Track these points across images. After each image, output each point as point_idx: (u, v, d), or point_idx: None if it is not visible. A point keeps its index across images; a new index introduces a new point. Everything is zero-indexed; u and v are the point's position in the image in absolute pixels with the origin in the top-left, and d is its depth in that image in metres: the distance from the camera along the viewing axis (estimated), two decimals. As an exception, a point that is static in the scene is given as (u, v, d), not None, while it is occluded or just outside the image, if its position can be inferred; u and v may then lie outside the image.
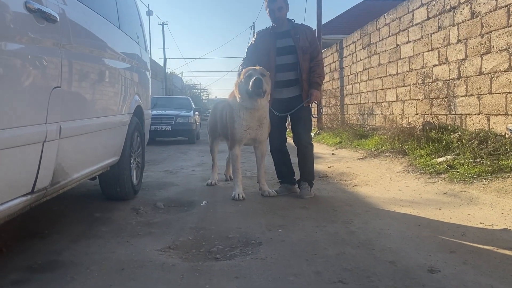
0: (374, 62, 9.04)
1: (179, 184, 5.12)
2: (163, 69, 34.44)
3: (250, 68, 4.01)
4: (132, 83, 4.13)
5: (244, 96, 4.00)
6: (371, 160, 6.30)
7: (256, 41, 4.40)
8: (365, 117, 9.60)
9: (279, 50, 4.25)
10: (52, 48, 2.24)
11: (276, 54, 4.24)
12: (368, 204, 3.85)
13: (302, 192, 4.21)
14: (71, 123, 2.49)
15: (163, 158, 8.40)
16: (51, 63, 2.23)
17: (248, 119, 4.12)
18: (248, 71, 3.97)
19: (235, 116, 4.16)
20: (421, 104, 6.96)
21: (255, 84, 3.84)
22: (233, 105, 4.18)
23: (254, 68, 3.98)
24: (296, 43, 4.20)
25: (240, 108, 4.12)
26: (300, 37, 4.22)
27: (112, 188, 4.01)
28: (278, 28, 4.29)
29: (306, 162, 4.32)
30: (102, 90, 3.15)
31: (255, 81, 3.83)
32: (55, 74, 2.27)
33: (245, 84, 3.95)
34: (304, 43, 4.22)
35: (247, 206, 3.85)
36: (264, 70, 4.00)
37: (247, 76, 3.94)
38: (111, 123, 3.41)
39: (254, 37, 4.47)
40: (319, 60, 4.34)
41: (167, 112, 12.78)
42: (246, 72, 3.97)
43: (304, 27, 4.36)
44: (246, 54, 4.51)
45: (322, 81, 4.38)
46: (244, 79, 3.96)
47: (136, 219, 3.52)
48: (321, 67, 4.34)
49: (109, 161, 3.57)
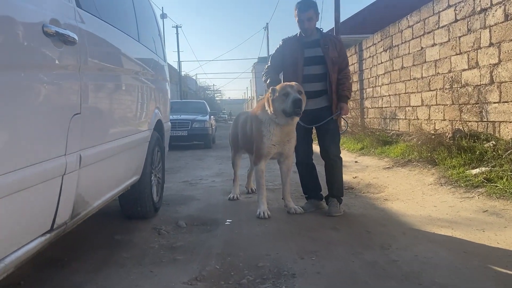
0: (396, 65, 8.75)
1: (200, 198, 4.94)
2: (177, 72, 34.44)
3: (286, 85, 3.79)
4: (152, 97, 3.96)
5: (279, 114, 3.79)
6: (398, 170, 6.04)
7: (282, 49, 4.20)
8: (387, 121, 9.31)
9: (307, 60, 4.04)
10: (71, 73, 2.07)
11: (304, 64, 4.03)
12: (404, 224, 3.61)
13: (330, 209, 3.99)
14: (91, 150, 2.32)
15: (180, 166, 8.26)
16: (70, 89, 2.05)
17: (278, 134, 3.93)
18: (285, 88, 3.73)
19: (264, 130, 3.96)
20: (449, 110, 6.67)
21: (294, 104, 3.62)
22: (263, 119, 3.97)
23: (291, 85, 3.76)
24: (326, 54, 3.99)
25: (270, 123, 3.92)
26: (329, 47, 4.01)
27: (132, 208, 3.85)
28: (306, 37, 4.09)
29: (335, 177, 4.10)
30: (123, 109, 2.98)
31: (295, 102, 3.62)
32: (75, 100, 2.09)
33: (281, 102, 3.73)
34: (333, 54, 4.02)
35: (274, 226, 3.65)
36: (300, 87, 3.79)
37: (284, 94, 3.72)
38: (132, 143, 3.23)
39: (280, 44, 4.26)
40: (348, 73, 4.15)
41: (183, 116, 12.69)
42: (282, 89, 3.75)
43: (333, 37, 4.18)
44: (270, 61, 4.31)
45: (351, 95, 4.17)
46: (280, 96, 3.74)
47: (158, 242, 3.35)
48: (350, 80, 4.14)
49: (130, 181, 3.40)
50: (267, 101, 3.89)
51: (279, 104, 3.75)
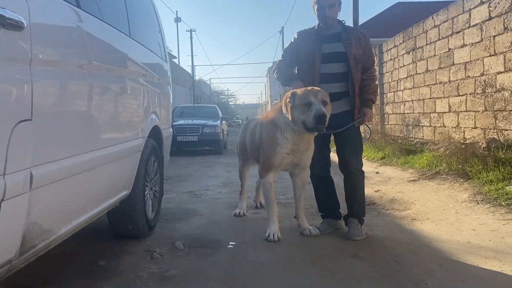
0: (420, 68, 8.14)
1: (203, 213, 4.43)
2: (191, 76, 34.11)
3: (309, 91, 3.19)
4: (148, 101, 3.47)
5: (299, 125, 3.23)
6: (425, 184, 5.44)
7: (297, 42, 3.65)
8: (410, 128, 8.69)
9: (325, 57, 3.49)
10: (16, 68, 1.58)
11: (322, 61, 3.49)
12: (439, 253, 3.03)
13: (351, 232, 3.44)
14: (50, 166, 1.82)
15: (187, 173, 7.78)
16: (13, 89, 1.56)
17: (296, 142, 3.38)
18: (308, 96, 3.15)
19: (280, 136, 3.40)
20: (481, 117, 6.04)
21: (317, 120, 3.05)
22: (279, 123, 3.41)
23: (315, 92, 3.17)
24: (348, 50, 3.44)
25: (287, 128, 3.37)
26: (352, 42, 3.46)
27: (122, 226, 3.37)
28: (325, 29, 3.54)
29: (356, 194, 3.54)
30: (102, 114, 2.48)
31: (319, 117, 3.04)
32: (21, 102, 1.60)
33: (301, 113, 3.16)
34: (357, 50, 3.46)
35: (284, 252, 3.11)
36: (326, 95, 3.21)
37: (306, 104, 3.14)
38: (117, 153, 2.74)
39: (294, 37, 3.71)
40: (373, 73, 3.58)
41: (194, 121, 12.30)
42: (305, 96, 3.16)
43: (357, 31, 3.61)
44: (282, 56, 3.77)
45: (376, 98, 3.59)
46: (301, 104, 3.17)
47: (148, 269, 2.85)
48: (375, 81, 3.58)
49: (117, 197, 2.91)
50: (285, 106, 3.33)
51: (298, 114, 3.19)
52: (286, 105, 3.32)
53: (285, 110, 3.33)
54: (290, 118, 3.26)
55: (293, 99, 3.24)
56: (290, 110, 3.24)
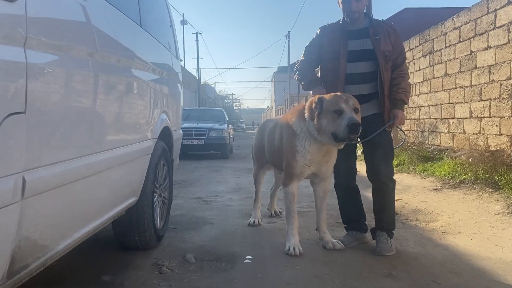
0: (438, 72, 7.81)
1: (214, 221, 4.11)
2: (196, 80, 33.87)
3: (339, 97, 2.87)
4: (158, 100, 3.17)
5: (327, 135, 2.92)
6: (449, 193, 5.10)
7: (320, 39, 3.31)
8: (426, 135, 8.35)
9: (351, 55, 3.16)
10: (6, 48, 1.27)
11: (348, 60, 3.16)
12: (483, 273, 2.70)
13: (381, 247, 3.11)
14: (47, 170, 1.51)
15: (194, 178, 7.46)
16: (4, 72, 1.25)
17: (314, 152, 3.07)
18: (338, 102, 2.83)
19: (299, 145, 3.08)
20: (507, 123, 5.71)
21: (351, 130, 2.74)
22: (297, 130, 3.09)
23: (346, 99, 2.86)
24: (376, 47, 3.11)
25: (307, 137, 3.05)
26: (381, 38, 3.13)
27: (129, 237, 3.06)
28: (351, 24, 3.22)
29: (386, 205, 3.22)
30: (108, 111, 2.17)
31: (353, 127, 2.73)
32: (13, 91, 1.29)
33: (331, 121, 2.85)
34: (386, 47, 3.13)
35: (309, 269, 2.79)
36: (357, 102, 2.90)
37: (336, 111, 2.82)
38: (124, 156, 2.44)
39: (317, 33, 3.37)
40: (404, 71, 3.24)
41: (200, 125, 12.00)
42: (335, 102, 2.85)
43: (386, 25, 3.25)
44: (304, 55, 3.43)
45: (408, 99, 3.26)
46: (330, 112, 2.85)
47: (157, 287, 2.53)
48: (407, 80, 3.25)
49: (123, 205, 2.60)
50: (310, 111, 3.00)
51: (328, 122, 2.86)
52: (311, 111, 3.00)
53: (308, 116, 3.02)
54: (316, 126, 2.95)
55: (320, 105, 2.92)
56: (317, 117, 2.92)
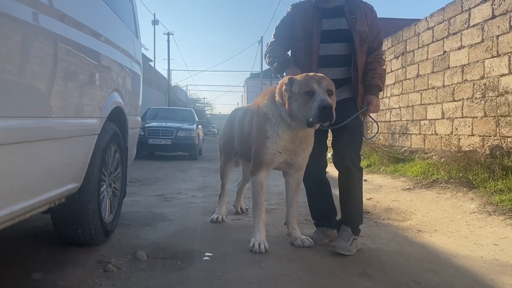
0: (410, 73, 7.71)
1: (173, 218, 3.75)
2: (167, 81, 33.18)
3: (311, 77, 2.59)
4: (109, 75, 2.79)
5: (298, 119, 2.63)
6: (422, 192, 4.91)
7: (291, 17, 3.01)
8: (396, 137, 8.23)
9: (325, 35, 2.86)
10: None
11: (321, 40, 2.87)
12: (465, 272, 2.46)
13: (338, 243, 2.76)
14: None
15: (158, 177, 7.05)
16: None
17: (288, 138, 2.76)
18: (310, 83, 2.55)
19: (270, 130, 2.76)
20: (479, 123, 5.60)
21: (322, 113, 2.46)
22: (269, 114, 2.78)
23: (317, 78, 2.57)
24: (352, 26, 2.83)
25: (279, 121, 2.74)
26: (357, 17, 2.86)
27: (69, 229, 2.67)
28: (325, 2, 2.94)
29: (351, 194, 2.92)
30: (40, 72, 1.81)
31: (324, 110, 2.45)
32: None
33: (302, 104, 2.56)
34: (362, 27, 2.85)
35: (275, 267, 2.48)
36: (331, 84, 2.62)
37: (307, 93, 2.54)
38: (62, 129, 2.06)
39: (288, 11, 3.07)
40: (381, 55, 2.97)
41: (168, 124, 11.57)
42: (306, 83, 2.56)
43: (363, 3, 2.98)
44: (274, 35, 3.12)
45: (384, 85, 3.00)
46: (301, 94, 2.56)
47: (98, 286, 2.20)
48: (383, 65, 2.98)
49: (59, 190, 2.22)
50: (280, 94, 2.71)
51: (298, 106, 2.58)
52: (281, 94, 2.70)
53: (279, 99, 2.72)
54: (287, 111, 2.65)
55: (290, 87, 2.62)
56: (288, 101, 2.63)
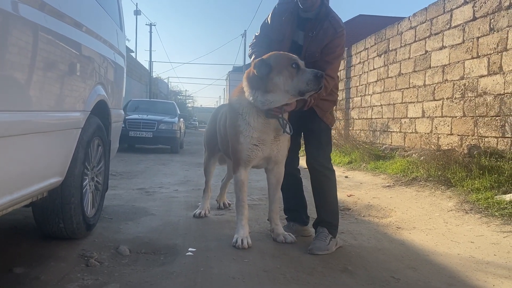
0: (392, 72, 7.82)
1: (155, 212, 3.73)
2: (148, 72, 32.79)
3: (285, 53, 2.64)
4: (93, 68, 2.76)
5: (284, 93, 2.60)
6: (402, 190, 5.01)
7: (274, 14, 2.97)
8: (377, 134, 8.36)
9: (293, 45, 2.85)
10: None
11: (290, 49, 2.81)
12: (442, 269, 2.53)
13: (314, 244, 2.77)
14: None
15: (139, 170, 6.99)
16: None
17: (262, 128, 2.75)
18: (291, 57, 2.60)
19: (241, 123, 2.76)
20: (458, 122, 5.73)
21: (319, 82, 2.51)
22: (239, 109, 2.78)
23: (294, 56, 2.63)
24: (305, 44, 2.79)
25: (249, 113, 2.74)
26: (316, 35, 2.78)
27: (51, 223, 2.64)
28: (302, 10, 2.85)
29: (325, 196, 2.93)
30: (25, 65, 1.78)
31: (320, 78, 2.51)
32: None
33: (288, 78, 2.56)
34: (316, 47, 2.77)
35: (258, 263, 2.50)
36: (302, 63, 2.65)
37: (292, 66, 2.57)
38: (45, 123, 2.04)
39: (275, 7, 3.00)
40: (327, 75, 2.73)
41: (149, 117, 11.45)
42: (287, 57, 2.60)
43: (331, 22, 2.78)
44: (260, 29, 3.09)
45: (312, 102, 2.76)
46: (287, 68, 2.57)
47: (81, 281, 2.18)
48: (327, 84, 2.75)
49: (42, 184, 2.19)
50: (250, 80, 2.69)
51: (285, 78, 2.56)
52: (252, 79, 2.68)
53: (250, 86, 2.69)
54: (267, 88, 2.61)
55: (266, 64, 2.60)
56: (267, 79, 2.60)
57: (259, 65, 2.62)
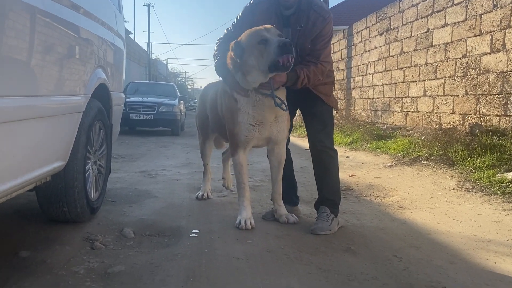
0: (394, 50, 7.75)
1: (158, 195, 3.75)
2: (147, 54, 32.54)
3: (257, 29, 2.60)
4: (93, 51, 2.73)
5: (260, 72, 2.60)
6: (403, 169, 5.02)
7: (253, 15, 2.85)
8: (379, 114, 8.33)
9: None
10: None
11: None
12: (444, 247, 2.56)
13: (316, 224, 2.79)
14: None
15: (141, 153, 7.01)
16: None
17: (257, 108, 2.74)
18: (259, 33, 2.55)
19: (236, 105, 2.77)
20: (460, 101, 5.70)
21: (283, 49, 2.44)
22: (231, 90, 2.79)
23: (265, 28, 2.58)
24: (294, 39, 2.73)
25: (242, 93, 2.74)
26: (304, 28, 2.72)
27: (55, 207, 2.65)
28: (284, 7, 2.78)
29: (326, 176, 2.92)
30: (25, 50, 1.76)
31: (285, 45, 2.44)
32: None
33: (259, 55, 2.54)
34: (305, 41, 2.73)
35: (261, 244, 2.53)
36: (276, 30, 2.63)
37: (260, 42, 2.53)
38: (47, 108, 2.03)
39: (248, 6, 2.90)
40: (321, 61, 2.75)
41: (149, 99, 11.43)
42: (255, 35, 2.56)
43: (316, 11, 2.71)
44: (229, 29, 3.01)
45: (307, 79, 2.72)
46: (255, 47, 2.55)
47: (87, 263, 2.20)
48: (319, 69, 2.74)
49: (45, 169, 2.20)
50: (232, 62, 2.69)
51: (256, 58, 2.56)
52: (233, 62, 2.68)
53: (233, 69, 2.71)
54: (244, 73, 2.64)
55: (239, 47, 2.62)
56: (241, 63, 2.62)
57: (235, 48, 2.64)
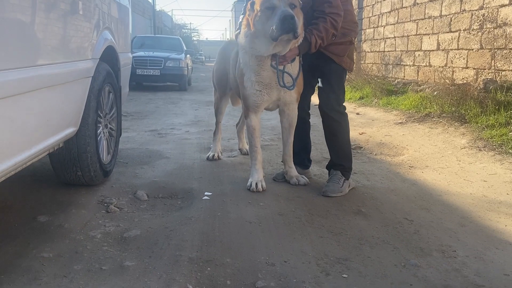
0: (407, 1, 7.46)
1: (169, 156, 3.78)
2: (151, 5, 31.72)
3: None
4: (99, 13, 2.66)
5: (262, 39, 2.59)
6: (414, 126, 4.97)
7: None
8: (390, 68, 8.16)
9: None
10: None
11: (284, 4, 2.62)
12: (454, 209, 2.57)
13: (327, 186, 2.81)
14: None
15: (149, 110, 7.00)
16: None
17: (263, 72, 2.74)
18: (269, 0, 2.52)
19: (245, 68, 2.78)
20: (475, 55, 5.55)
21: (284, 23, 2.41)
22: (241, 52, 2.81)
23: None
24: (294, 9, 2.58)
25: (250, 57, 2.73)
26: None
27: (69, 172, 2.69)
28: None
29: (336, 139, 2.92)
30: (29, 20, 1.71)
31: (285, 19, 2.40)
32: None
33: (265, 20, 2.52)
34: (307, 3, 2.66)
35: (273, 207, 2.56)
36: None
37: (268, 8, 2.50)
38: (56, 76, 2.00)
39: None
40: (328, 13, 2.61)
41: (155, 54, 11.25)
42: (266, 1, 2.52)
43: None
44: None
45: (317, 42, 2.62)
46: (262, 11, 2.53)
47: (103, 227, 2.25)
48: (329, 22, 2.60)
49: (57, 137, 2.21)
50: (248, 22, 2.66)
51: (262, 23, 2.54)
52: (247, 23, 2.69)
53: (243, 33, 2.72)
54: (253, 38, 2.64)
55: (252, 8, 2.62)
56: (252, 23, 2.61)
57: (249, 8, 2.61)
